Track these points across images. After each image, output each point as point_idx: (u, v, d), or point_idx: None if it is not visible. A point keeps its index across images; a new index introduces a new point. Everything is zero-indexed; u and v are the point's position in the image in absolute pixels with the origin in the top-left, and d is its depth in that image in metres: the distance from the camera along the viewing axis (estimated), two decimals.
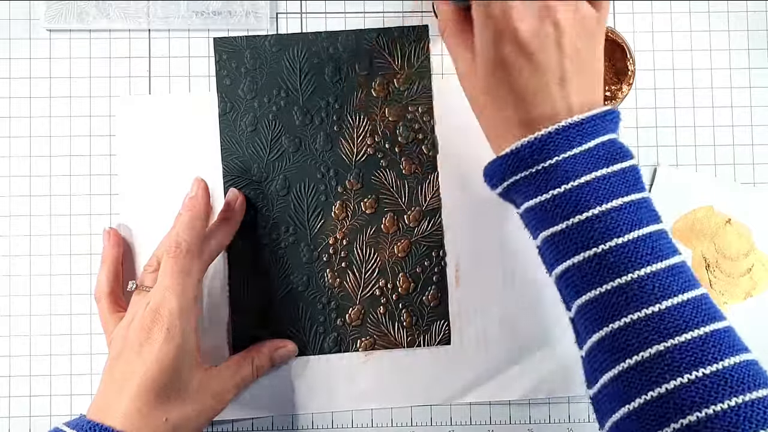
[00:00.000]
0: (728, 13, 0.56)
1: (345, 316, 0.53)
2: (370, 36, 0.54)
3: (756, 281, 0.54)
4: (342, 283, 0.53)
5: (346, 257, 0.54)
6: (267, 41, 0.54)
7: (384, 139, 0.54)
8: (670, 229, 0.54)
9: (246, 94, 0.54)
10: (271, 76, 0.54)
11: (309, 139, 0.54)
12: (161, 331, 0.45)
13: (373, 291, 0.54)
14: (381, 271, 0.54)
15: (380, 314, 0.53)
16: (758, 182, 0.55)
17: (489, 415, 0.54)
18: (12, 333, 0.53)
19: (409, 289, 0.54)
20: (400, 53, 0.54)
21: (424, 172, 0.54)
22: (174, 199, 0.52)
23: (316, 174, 0.54)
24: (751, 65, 0.56)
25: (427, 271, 0.54)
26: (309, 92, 0.54)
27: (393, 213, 0.54)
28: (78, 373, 0.53)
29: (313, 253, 0.53)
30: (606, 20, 0.43)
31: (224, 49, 0.54)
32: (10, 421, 0.53)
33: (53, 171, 0.54)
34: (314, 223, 0.54)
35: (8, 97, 0.54)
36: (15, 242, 0.54)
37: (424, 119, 0.54)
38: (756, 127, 0.55)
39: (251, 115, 0.54)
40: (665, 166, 0.55)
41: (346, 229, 0.54)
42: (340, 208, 0.54)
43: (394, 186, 0.54)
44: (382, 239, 0.54)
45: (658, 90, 0.55)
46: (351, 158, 0.54)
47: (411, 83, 0.54)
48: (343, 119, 0.54)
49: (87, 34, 0.55)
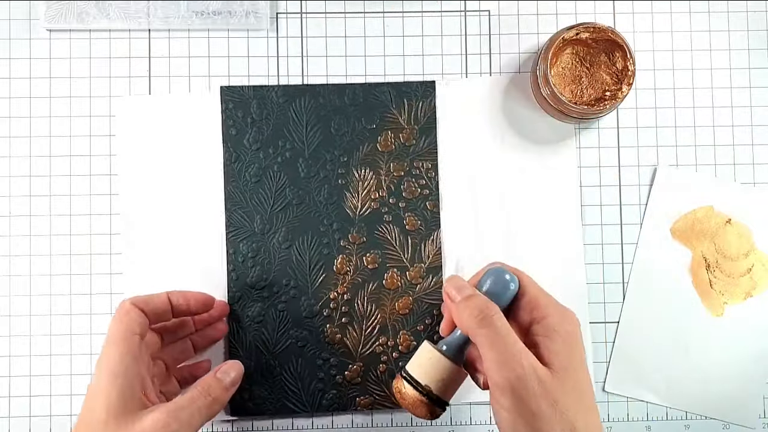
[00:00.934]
0: (728, 13, 0.56)
1: (344, 373, 0.53)
2: (377, 90, 0.54)
3: (756, 281, 0.54)
4: (342, 339, 0.53)
5: (347, 313, 0.53)
6: (274, 92, 0.54)
7: (389, 193, 0.54)
8: (670, 229, 0.54)
9: (251, 145, 0.53)
10: (277, 127, 0.53)
11: (313, 192, 0.53)
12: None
13: (374, 348, 0.53)
14: (382, 327, 0.53)
15: (380, 372, 0.53)
16: (758, 182, 0.55)
17: (489, 415, 0.54)
18: (12, 333, 0.53)
19: (410, 347, 0.53)
20: (407, 108, 0.54)
21: (428, 228, 0.54)
22: (173, 198, 0.52)
23: (319, 227, 0.53)
24: (751, 65, 0.56)
25: (429, 329, 0.53)
26: (315, 144, 0.53)
27: (396, 269, 0.53)
28: (78, 373, 0.53)
29: (314, 307, 0.53)
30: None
31: (231, 99, 0.54)
32: (10, 421, 0.53)
33: (53, 171, 0.54)
34: (316, 276, 0.53)
35: (8, 97, 0.54)
36: (15, 242, 0.54)
37: (429, 175, 0.54)
38: (756, 127, 0.55)
39: (256, 166, 0.53)
40: (665, 166, 0.55)
41: (348, 284, 0.53)
42: (342, 262, 0.53)
43: (397, 241, 0.53)
44: (384, 295, 0.53)
45: (658, 90, 0.55)
46: (355, 212, 0.53)
47: (417, 139, 0.54)
48: (349, 173, 0.54)
49: (87, 34, 0.55)
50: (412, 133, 0.54)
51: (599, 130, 0.55)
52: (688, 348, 0.54)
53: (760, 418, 0.54)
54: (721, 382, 0.54)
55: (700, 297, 0.54)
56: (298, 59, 0.55)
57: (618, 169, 0.55)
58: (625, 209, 0.55)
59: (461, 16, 0.55)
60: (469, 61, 0.55)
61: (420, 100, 0.54)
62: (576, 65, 0.52)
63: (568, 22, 0.54)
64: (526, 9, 0.55)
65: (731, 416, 0.54)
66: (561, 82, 0.52)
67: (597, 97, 0.52)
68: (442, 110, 0.54)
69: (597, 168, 0.55)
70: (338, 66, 0.55)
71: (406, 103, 0.54)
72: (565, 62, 0.52)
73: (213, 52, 0.55)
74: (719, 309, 0.54)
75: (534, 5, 0.56)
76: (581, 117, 0.52)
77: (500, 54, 0.55)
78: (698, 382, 0.54)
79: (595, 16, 0.56)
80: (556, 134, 0.55)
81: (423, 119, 0.54)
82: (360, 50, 0.55)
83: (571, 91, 0.52)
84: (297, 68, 0.55)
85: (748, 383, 0.54)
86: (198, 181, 0.54)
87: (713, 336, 0.54)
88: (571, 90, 0.52)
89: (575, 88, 0.52)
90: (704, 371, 0.54)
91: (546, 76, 0.51)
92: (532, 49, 0.55)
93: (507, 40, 0.55)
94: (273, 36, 0.55)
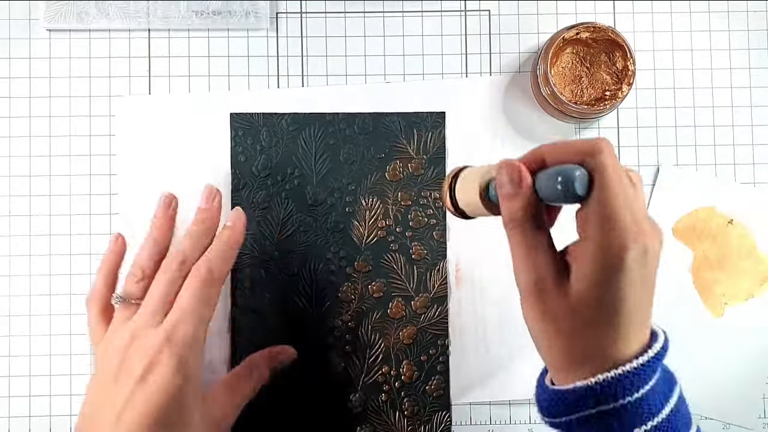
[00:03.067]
0: (728, 13, 0.56)
1: (346, 402, 0.53)
2: (387, 120, 0.54)
3: (757, 282, 0.54)
4: (345, 368, 0.53)
5: (351, 341, 0.53)
6: (284, 120, 0.54)
7: (396, 222, 0.53)
8: (672, 228, 0.54)
9: (260, 172, 0.53)
10: (286, 154, 0.53)
11: (320, 220, 0.53)
12: (171, 360, 0.41)
13: (376, 377, 0.53)
14: (385, 357, 0.53)
15: (382, 401, 0.53)
16: (758, 182, 0.55)
17: (489, 415, 0.54)
18: (12, 333, 0.53)
19: (413, 377, 0.53)
20: (416, 138, 0.54)
21: (434, 258, 0.53)
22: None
23: (326, 255, 0.53)
24: (752, 65, 0.56)
25: (432, 359, 0.53)
26: (323, 173, 0.53)
27: (401, 298, 0.53)
28: (78, 374, 0.53)
29: (318, 335, 0.53)
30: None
31: (240, 125, 0.53)
32: (10, 421, 0.53)
33: (53, 171, 0.54)
34: (321, 304, 0.53)
35: (8, 97, 0.54)
36: (15, 242, 0.54)
37: (437, 205, 0.54)
38: (756, 127, 0.55)
39: (263, 193, 0.53)
40: (668, 165, 0.55)
41: (353, 312, 0.53)
42: (347, 290, 0.53)
43: (403, 270, 0.53)
44: (388, 324, 0.53)
45: (658, 90, 0.55)
46: (361, 240, 0.53)
47: (426, 168, 0.54)
48: (356, 201, 0.53)
49: (86, 34, 0.55)
50: (421, 163, 0.54)
51: (599, 130, 0.55)
52: (689, 348, 0.54)
53: (760, 418, 0.54)
54: (721, 382, 0.54)
55: (701, 297, 0.54)
56: (298, 59, 0.55)
57: None
58: None
59: (461, 16, 0.55)
60: (469, 61, 0.55)
61: (429, 131, 0.54)
62: (576, 65, 0.52)
63: (568, 22, 0.54)
64: (526, 9, 0.55)
65: (731, 416, 0.54)
66: (561, 82, 0.52)
67: (597, 97, 0.52)
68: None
69: None
70: (338, 66, 0.55)
71: (416, 133, 0.54)
72: (565, 62, 0.52)
73: (213, 51, 0.55)
74: (720, 309, 0.54)
75: (534, 5, 0.55)
76: (581, 117, 0.52)
77: (500, 54, 0.55)
78: (698, 382, 0.54)
79: (596, 15, 0.56)
80: (556, 134, 0.54)
81: (432, 149, 0.54)
82: (360, 50, 0.55)
83: (571, 90, 0.52)
84: (297, 68, 0.55)
85: (748, 383, 0.54)
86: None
87: (713, 336, 0.54)
88: (571, 90, 0.52)
89: (575, 88, 0.52)
90: (704, 371, 0.54)
91: (546, 76, 0.51)
92: (532, 49, 0.55)
93: (507, 40, 0.55)
94: (273, 36, 0.55)
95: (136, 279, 0.46)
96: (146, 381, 0.41)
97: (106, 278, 0.48)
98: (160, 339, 0.42)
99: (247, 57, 0.55)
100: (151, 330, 0.43)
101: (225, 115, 0.54)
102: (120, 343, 0.43)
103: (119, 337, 0.43)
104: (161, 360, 0.41)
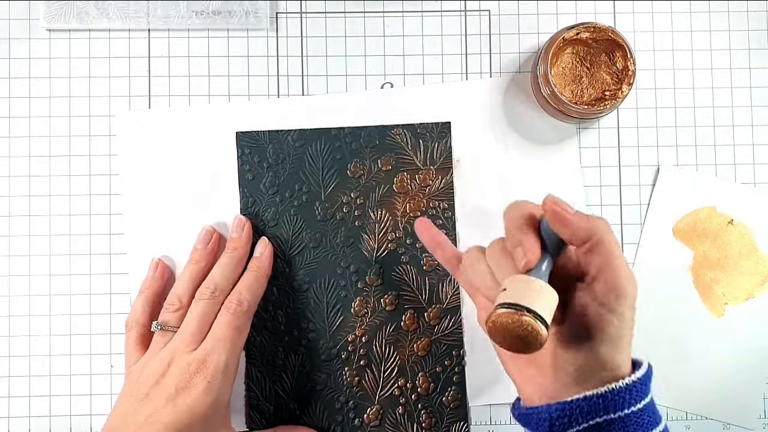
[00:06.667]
0: (729, 13, 0.56)
1: (363, 416, 0.52)
2: (393, 132, 0.54)
3: (757, 282, 0.54)
4: (360, 382, 0.52)
5: (365, 355, 0.53)
6: (290, 136, 0.53)
7: (405, 234, 0.53)
8: (672, 228, 0.54)
9: (268, 189, 0.53)
10: (293, 171, 0.53)
11: (330, 235, 0.53)
12: (202, 382, 0.44)
13: (392, 390, 0.53)
14: (400, 369, 0.53)
15: (399, 414, 0.52)
16: (758, 182, 0.55)
17: (489, 415, 0.54)
18: (12, 333, 0.53)
19: (429, 389, 0.53)
20: (423, 149, 0.54)
21: (446, 268, 0.53)
22: (176, 211, 0.53)
23: (337, 269, 0.53)
24: (752, 65, 0.56)
25: (448, 370, 0.53)
26: (331, 187, 0.53)
27: (413, 310, 0.53)
28: (78, 374, 0.53)
29: (332, 350, 0.53)
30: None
31: (246, 144, 0.53)
32: (10, 421, 0.53)
33: (53, 171, 0.54)
34: (333, 319, 0.53)
35: (8, 97, 0.54)
36: (15, 242, 0.54)
37: (445, 215, 0.54)
38: (756, 127, 0.55)
39: (273, 210, 0.53)
40: (668, 165, 0.55)
41: (366, 326, 0.53)
42: (360, 304, 0.53)
43: (414, 282, 0.53)
44: (402, 337, 0.53)
45: (658, 90, 0.55)
46: (372, 254, 0.53)
47: (433, 179, 0.54)
48: (365, 214, 0.53)
49: (86, 34, 0.55)
50: (428, 173, 0.54)
51: (599, 130, 0.55)
52: (689, 348, 0.54)
53: (760, 418, 0.54)
54: (721, 382, 0.54)
55: (701, 297, 0.54)
56: (298, 59, 0.55)
57: (618, 169, 0.55)
58: (626, 209, 0.55)
59: (461, 16, 0.55)
60: (469, 61, 0.55)
61: (435, 141, 0.54)
62: (576, 65, 0.52)
63: (568, 22, 0.54)
64: (526, 9, 0.55)
65: (731, 416, 0.54)
66: (561, 82, 0.52)
67: (597, 97, 0.52)
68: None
69: (597, 168, 0.55)
70: (338, 66, 0.55)
71: (422, 144, 0.54)
72: (565, 62, 0.52)
73: (213, 51, 0.55)
74: (720, 310, 0.54)
75: (534, 5, 0.55)
76: (581, 117, 0.52)
77: (500, 54, 0.55)
78: (699, 382, 0.54)
79: (596, 15, 0.56)
80: (557, 134, 0.54)
81: (439, 160, 0.54)
82: (360, 50, 0.55)
83: (571, 91, 0.52)
84: (297, 68, 0.55)
85: (748, 384, 0.54)
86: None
87: (714, 337, 0.54)
88: (572, 90, 0.52)
89: (575, 88, 0.52)
90: (705, 372, 0.54)
91: (546, 76, 0.51)
92: (532, 49, 0.55)
93: (507, 40, 0.55)
94: (273, 36, 0.55)
95: (174, 308, 0.49)
96: (176, 400, 0.44)
97: (144, 305, 0.50)
98: (196, 364, 0.45)
99: (247, 57, 0.55)
100: (186, 356, 0.45)
101: (228, 131, 0.54)
102: (157, 367, 0.46)
103: (158, 361, 0.46)
104: (194, 383, 0.44)
